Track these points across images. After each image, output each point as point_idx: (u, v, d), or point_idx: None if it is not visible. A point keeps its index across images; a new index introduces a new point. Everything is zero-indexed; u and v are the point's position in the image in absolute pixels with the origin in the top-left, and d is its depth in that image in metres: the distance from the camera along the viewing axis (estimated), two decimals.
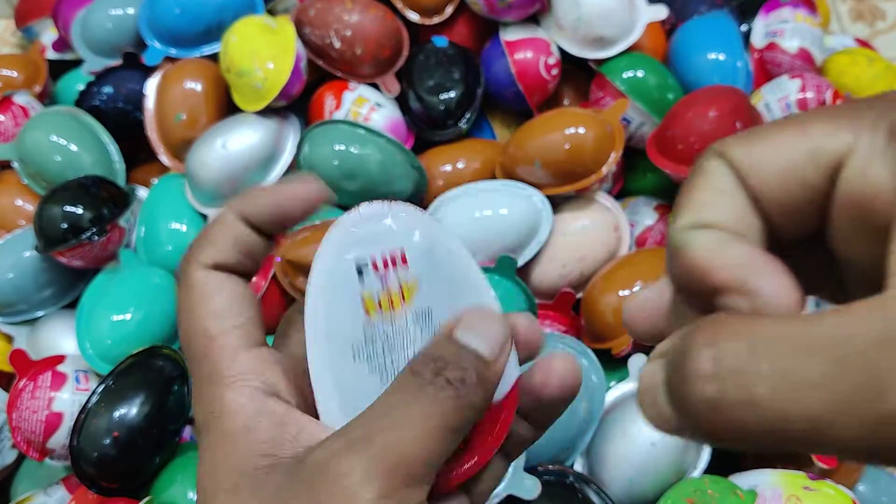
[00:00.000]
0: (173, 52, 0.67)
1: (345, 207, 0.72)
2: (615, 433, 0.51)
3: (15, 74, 0.70)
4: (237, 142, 0.60)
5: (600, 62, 0.66)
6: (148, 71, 0.66)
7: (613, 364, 0.56)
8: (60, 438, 0.51)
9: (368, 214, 0.23)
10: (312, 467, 0.20)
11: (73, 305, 0.60)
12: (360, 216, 0.23)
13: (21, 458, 0.57)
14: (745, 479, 0.49)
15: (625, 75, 0.64)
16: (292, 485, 0.20)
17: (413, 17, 0.69)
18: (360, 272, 0.22)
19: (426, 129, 0.66)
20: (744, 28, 0.71)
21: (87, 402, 0.49)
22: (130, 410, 0.48)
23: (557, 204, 0.62)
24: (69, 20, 0.71)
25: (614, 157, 0.60)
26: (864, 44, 0.75)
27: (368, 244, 0.22)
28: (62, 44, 0.74)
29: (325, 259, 0.22)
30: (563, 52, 0.67)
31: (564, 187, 0.61)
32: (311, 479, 0.20)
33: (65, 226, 0.56)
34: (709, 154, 0.17)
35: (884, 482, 0.56)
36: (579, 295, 0.60)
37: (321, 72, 0.67)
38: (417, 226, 0.23)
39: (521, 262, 0.59)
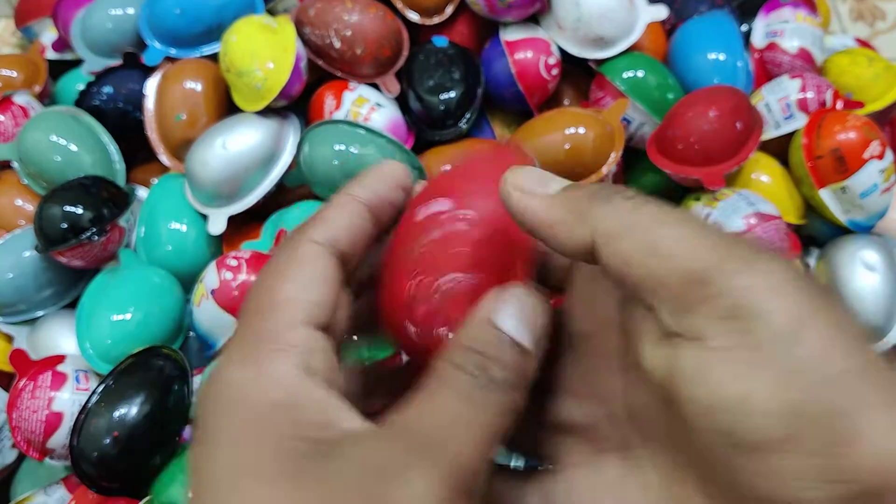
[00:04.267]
0: (173, 52, 0.67)
1: None
2: None
3: (15, 74, 0.70)
4: (237, 142, 0.60)
5: (600, 62, 0.66)
6: (148, 71, 0.66)
7: None
8: (60, 438, 0.51)
9: None
10: (365, 466, 0.18)
11: (73, 305, 0.60)
12: None
13: (21, 458, 0.57)
14: None
15: (625, 75, 0.64)
16: (340, 481, 0.18)
17: (413, 17, 0.68)
18: None
19: (426, 129, 0.66)
20: (744, 28, 0.71)
21: (87, 401, 0.49)
22: (130, 410, 0.48)
23: None
24: (69, 20, 0.71)
25: (614, 157, 0.60)
26: (864, 44, 0.75)
27: None
28: (62, 44, 0.74)
29: None
30: (563, 52, 0.67)
31: None
32: (362, 480, 0.18)
33: (65, 226, 0.56)
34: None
35: None
36: None
37: (321, 72, 0.67)
38: None
39: None
